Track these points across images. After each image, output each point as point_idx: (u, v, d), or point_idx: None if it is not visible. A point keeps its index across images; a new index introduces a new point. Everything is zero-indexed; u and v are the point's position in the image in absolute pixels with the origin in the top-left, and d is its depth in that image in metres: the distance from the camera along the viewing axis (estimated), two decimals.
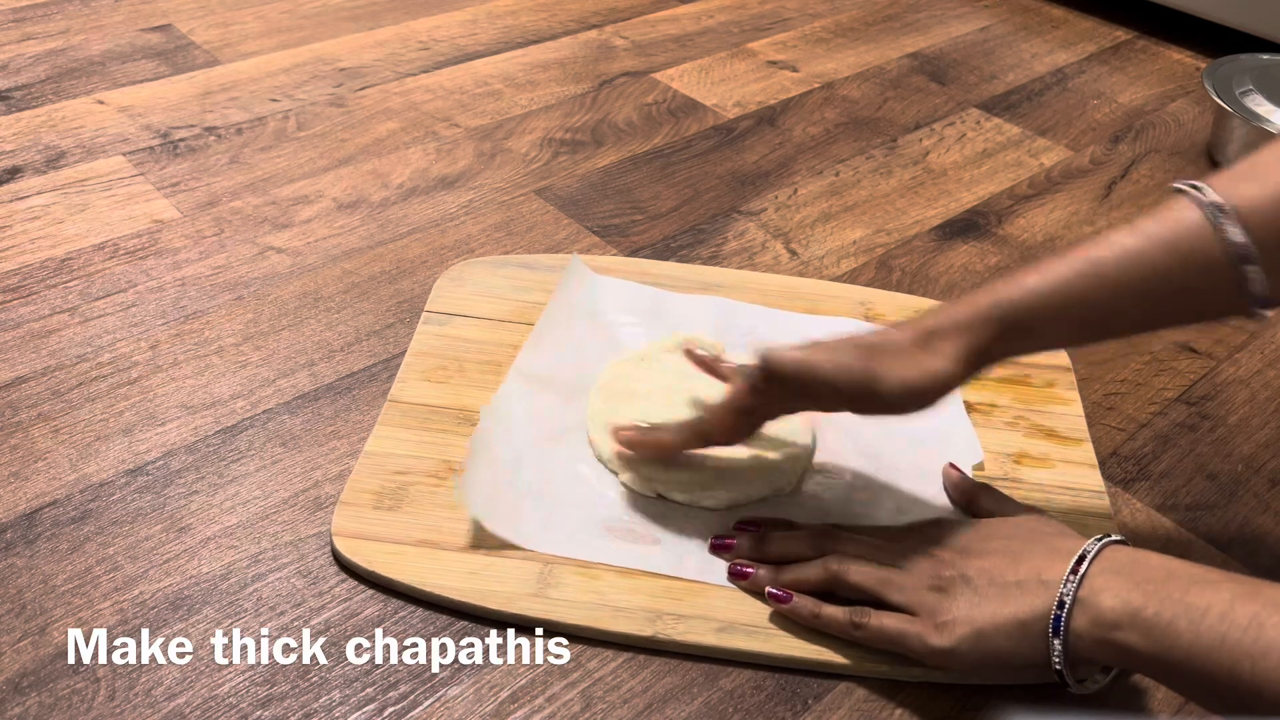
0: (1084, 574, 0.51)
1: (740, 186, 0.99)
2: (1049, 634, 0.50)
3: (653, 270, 0.84)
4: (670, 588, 0.60)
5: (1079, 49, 1.31)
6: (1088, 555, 0.51)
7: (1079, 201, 1.01)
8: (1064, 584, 0.51)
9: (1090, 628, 0.49)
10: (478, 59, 1.18)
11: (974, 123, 1.13)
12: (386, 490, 0.64)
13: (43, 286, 0.81)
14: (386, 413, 0.69)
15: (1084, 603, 0.50)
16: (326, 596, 0.59)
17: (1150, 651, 0.48)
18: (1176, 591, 0.48)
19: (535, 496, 0.64)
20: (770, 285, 0.84)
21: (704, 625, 0.58)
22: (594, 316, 0.78)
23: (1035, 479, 0.68)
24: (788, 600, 0.58)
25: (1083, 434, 0.72)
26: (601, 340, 0.76)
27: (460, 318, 0.78)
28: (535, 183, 0.97)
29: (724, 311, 0.80)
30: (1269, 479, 0.72)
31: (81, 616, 0.57)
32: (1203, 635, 0.46)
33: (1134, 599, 0.49)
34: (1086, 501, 0.67)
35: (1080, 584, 0.50)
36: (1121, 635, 0.48)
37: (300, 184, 0.95)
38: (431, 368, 0.73)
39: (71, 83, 1.08)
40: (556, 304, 0.77)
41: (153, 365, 0.74)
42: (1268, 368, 0.82)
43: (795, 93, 1.16)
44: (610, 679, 0.57)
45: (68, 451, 0.67)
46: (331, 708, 0.54)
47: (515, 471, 0.65)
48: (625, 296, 0.80)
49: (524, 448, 0.67)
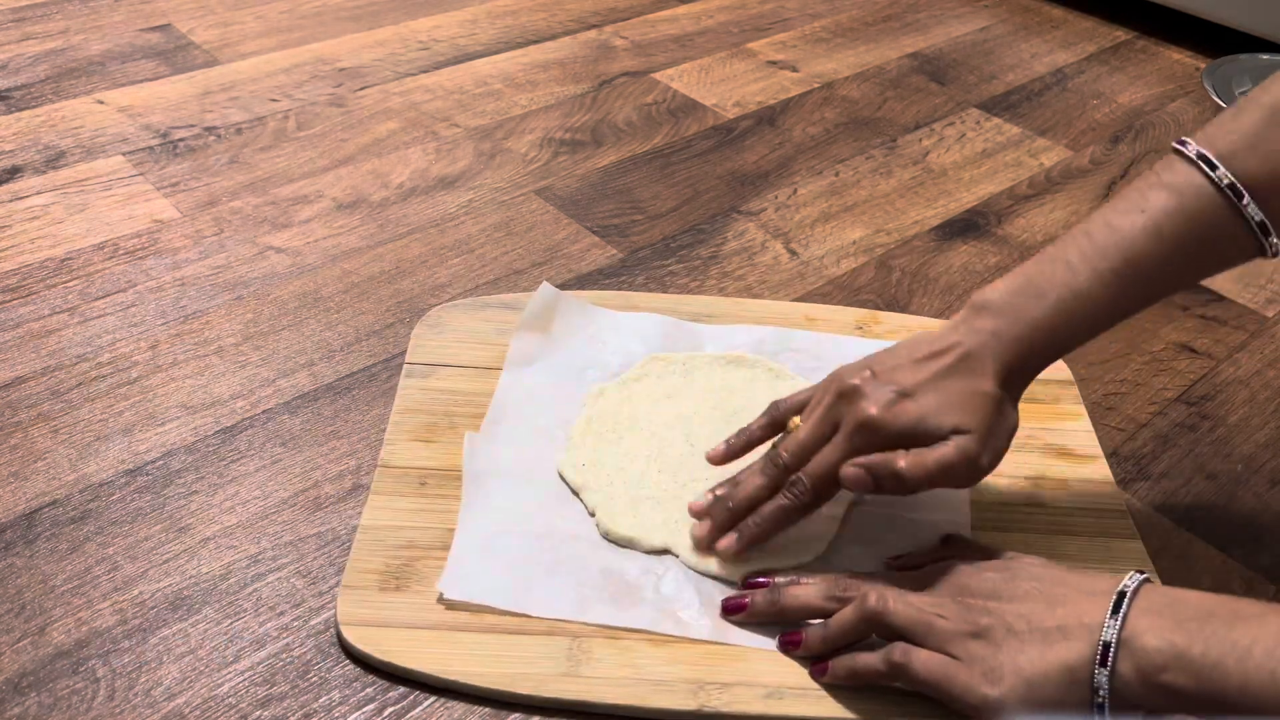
0: (1125, 614, 0.49)
1: (740, 186, 0.99)
2: (1093, 679, 0.49)
3: (642, 303, 0.81)
4: (708, 653, 0.57)
5: (1079, 49, 1.31)
6: (1126, 594, 0.50)
7: (1079, 202, 1.01)
8: (1106, 627, 0.49)
9: (1136, 671, 0.48)
10: (478, 59, 1.18)
11: (974, 123, 1.13)
12: (391, 569, 0.60)
13: (42, 286, 0.81)
14: (379, 480, 0.65)
15: (1128, 645, 0.48)
16: (326, 596, 0.59)
17: (1199, 693, 0.46)
18: (1221, 629, 0.47)
19: (535, 562, 0.61)
20: (764, 313, 0.81)
21: (749, 692, 0.55)
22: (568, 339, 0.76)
23: (1057, 503, 0.67)
24: (826, 670, 0.56)
25: (1095, 450, 0.71)
26: (577, 366, 0.75)
27: (443, 368, 0.73)
28: (535, 183, 0.97)
29: (673, 329, 0.78)
30: (1269, 479, 0.72)
31: (81, 617, 0.58)
32: (1251, 673, 0.45)
33: (1178, 640, 0.47)
34: (1111, 523, 0.66)
35: (1122, 625, 0.49)
36: (1169, 677, 0.47)
37: (300, 184, 0.95)
38: (420, 426, 0.69)
39: (71, 83, 1.08)
40: (527, 335, 0.75)
41: (152, 365, 0.74)
42: (1267, 368, 0.82)
43: (795, 93, 1.16)
44: None
45: (67, 451, 0.67)
46: (331, 708, 0.54)
47: (507, 543, 0.62)
48: (586, 319, 0.78)
49: (514, 506, 0.64)
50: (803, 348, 0.78)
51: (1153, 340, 0.83)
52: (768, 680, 0.56)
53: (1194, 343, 0.84)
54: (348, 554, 0.61)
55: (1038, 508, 0.67)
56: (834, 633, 0.56)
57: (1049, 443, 0.72)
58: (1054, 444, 0.72)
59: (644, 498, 0.65)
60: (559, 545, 0.62)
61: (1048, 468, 0.70)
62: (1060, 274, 0.57)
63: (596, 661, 0.56)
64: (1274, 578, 0.65)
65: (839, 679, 0.56)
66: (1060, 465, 0.70)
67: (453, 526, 0.62)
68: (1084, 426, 0.73)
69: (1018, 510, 0.67)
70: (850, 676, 0.55)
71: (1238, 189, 0.53)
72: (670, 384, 0.74)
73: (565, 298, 0.78)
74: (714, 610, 0.59)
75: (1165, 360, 0.82)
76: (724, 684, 0.55)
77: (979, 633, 0.52)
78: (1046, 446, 0.71)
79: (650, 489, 0.66)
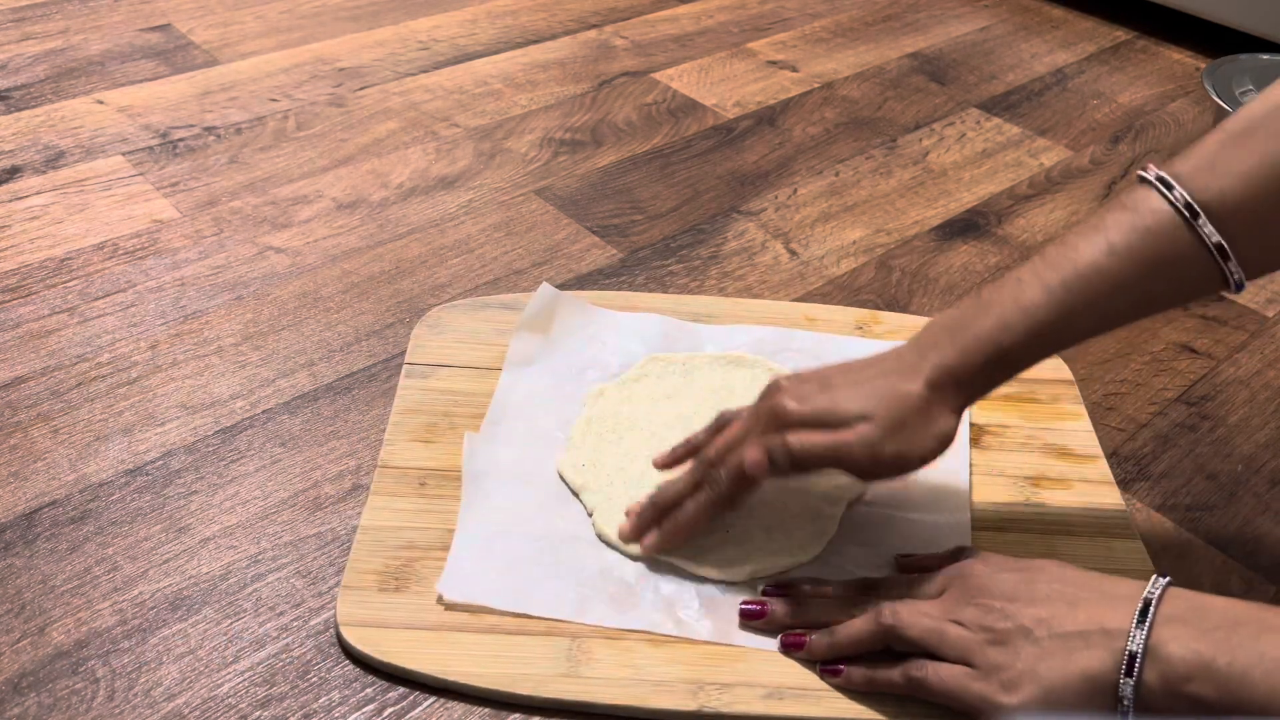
0: (1151, 623, 0.49)
1: (740, 186, 0.99)
2: (1118, 688, 0.49)
3: (641, 303, 0.81)
4: (708, 654, 0.57)
5: (1079, 49, 1.31)
6: (1152, 602, 0.49)
7: (1079, 202, 1.01)
8: (1131, 636, 0.49)
9: (1160, 681, 0.48)
10: (477, 59, 1.18)
11: (974, 123, 1.13)
12: (390, 570, 0.60)
13: (42, 286, 0.81)
14: (379, 480, 0.65)
15: (1153, 653, 0.48)
16: (326, 597, 0.59)
17: (1224, 703, 0.46)
18: (1247, 639, 0.46)
19: (535, 563, 0.61)
20: (764, 313, 0.81)
21: (750, 693, 0.55)
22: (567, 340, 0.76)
23: (1057, 503, 0.67)
24: (841, 674, 0.55)
25: (1095, 450, 0.71)
26: (578, 365, 0.75)
27: (443, 368, 0.73)
28: (535, 183, 0.97)
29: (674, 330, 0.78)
30: (1269, 479, 0.72)
31: (81, 617, 0.57)
32: (1278, 686, 0.45)
33: (1203, 649, 0.47)
34: (1111, 523, 0.66)
35: (1149, 635, 0.48)
36: (1194, 688, 0.47)
37: (300, 184, 0.95)
38: (420, 426, 0.69)
39: (71, 82, 1.08)
40: (528, 336, 0.75)
41: (152, 365, 0.74)
42: (1267, 368, 0.82)
43: (795, 93, 1.16)
44: None
45: (67, 451, 0.67)
46: (331, 708, 0.54)
47: (507, 543, 0.62)
48: (586, 319, 0.78)
49: (514, 507, 0.64)
50: (804, 348, 0.78)
51: (1153, 340, 0.83)
52: (767, 680, 0.56)
53: (1194, 343, 0.84)
54: (347, 554, 0.61)
55: (1038, 507, 0.67)
56: (843, 641, 0.56)
57: (1049, 442, 0.72)
58: (1054, 444, 0.72)
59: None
60: (559, 546, 0.62)
61: (1048, 468, 0.70)
62: (1009, 289, 0.56)
63: (596, 662, 0.56)
64: (1274, 578, 0.65)
65: (854, 685, 0.55)
66: (1060, 465, 0.70)
67: (452, 527, 0.62)
68: (1084, 426, 0.73)
69: (1018, 509, 0.67)
70: (867, 684, 0.55)
71: (1193, 208, 0.52)
72: (670, 384, 0.73)
73: (565, 298, 0.78)
74: (714, 611, 0.59)
75: (1165, 360, 0.82)
76: (724, 684, 0.55)
77: (996, 639, 0.52)
78: (1046, 446, 0.71)
79: (650, 490, 0.66)
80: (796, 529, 0.63)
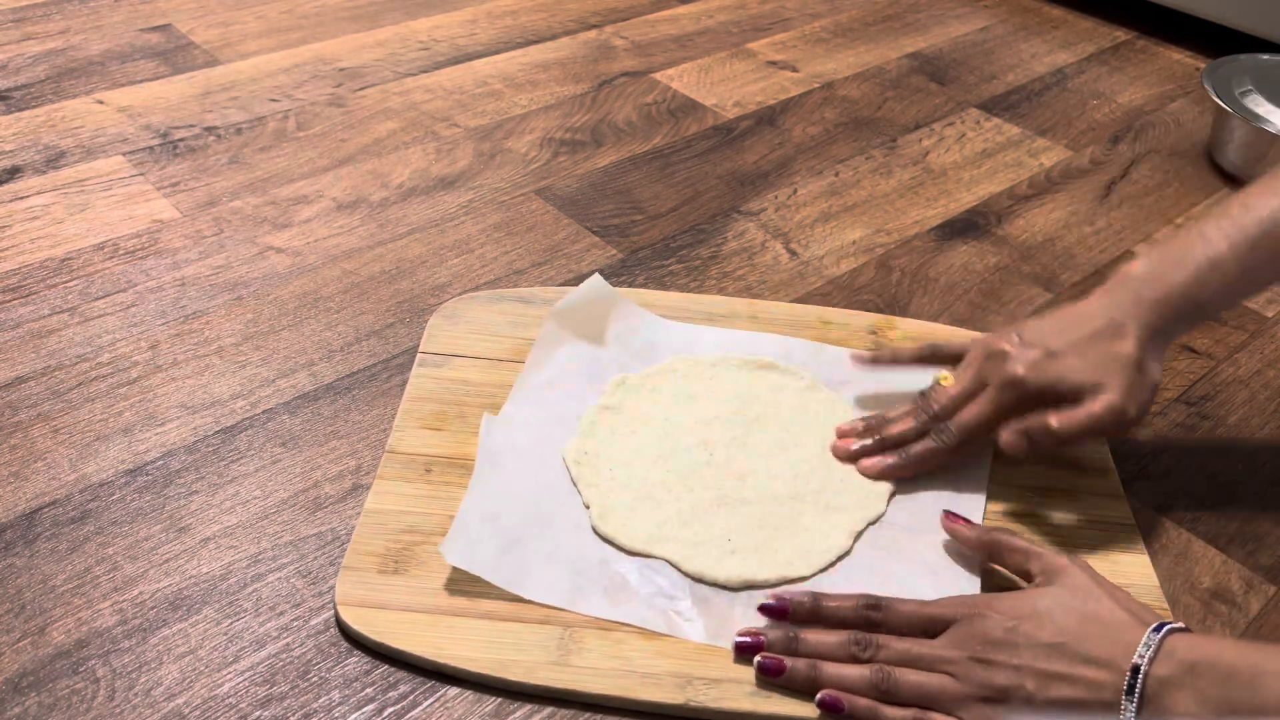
0: (1140, 692, 0.49)
1: (740, 186, 0.99)
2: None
3: (655, 302, 0.81)
4: (698, 649, 0.57)
5: (1079, 49, 1.31)
6: (1141, 669, 0.49)
7: (1079, 202, 1.01)
8: (1123, 709, 0.49)
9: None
10: (477, 59, 1.18)
11: (974, 123, 1.13)
12: (391, 552, 0.60)
13: (42, 286, 0.81)
14: (385, 465, 0.66)
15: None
16: (326, 596, 0.59)
17: None
18: (1244, 692, 0.47)
19: (535, 548, 0.61)
20: (776, 314, 0.81)
21: (737, 690, 0.55)
22: (605, 334, 0.76)
23: (1062, 514, 0.67)
24: (841, 706, 0.54)
25: (1107, 463, 0.71)
26: (608, 361, 0.75)
27: (457, 358, 0.74)
28: (535, 183, 0.97)
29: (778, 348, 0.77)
30: (1269, 479, 0.72)
31: (81, 617, 0.58)
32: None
33: (1195, 712, 0.48)
34: (1117, 536, 0.66)
35: (1140, 708, 0.49)
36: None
37: (300, 184, 0.95)
38: (430, 414, 0.70)
39: (71, 83, 1.08)
40: (568, 318, 0.75)
41: (152, 365, 0.74)
42: (1267, 368, 0.82)
43: (795, 93, 1.16)
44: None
45: (67, 451, 0.67)
46: (331, 708, 0.54)
47: (511, 522, 0.62)
48: (634, 320, 0.77)
49: (522, 488, 0.64)
50: (837, 358, 0.76)
51: None
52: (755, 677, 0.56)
53: (1194, 343, 0.84)
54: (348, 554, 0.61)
55: (1044, 519, 0.67)
56: (831, 682, 0.55)
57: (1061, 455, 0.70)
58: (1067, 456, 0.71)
59: (644, 497, 0.65)
60: (560, 534, 0.63)
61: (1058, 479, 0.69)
62: (1197, 246, 0.62)
63: (587, 651, 0.57)
64: (1274, 578, 0.65)
65: (859, 716, 0.54)
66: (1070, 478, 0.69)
67: (455, 514, 0.62)
68: None
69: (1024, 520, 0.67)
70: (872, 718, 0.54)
71: None
72: (694, 382, 0.73)
73: (616, 294, 0.78)
74: (706, 612, 0.59)
75: (1165, 360, 0.81)
76: (712, 679, 0.56)
77: (991, 696, 0.52)
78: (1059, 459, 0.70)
79: (652, 489, 0.66)
80: (808, 543, 0.63)
